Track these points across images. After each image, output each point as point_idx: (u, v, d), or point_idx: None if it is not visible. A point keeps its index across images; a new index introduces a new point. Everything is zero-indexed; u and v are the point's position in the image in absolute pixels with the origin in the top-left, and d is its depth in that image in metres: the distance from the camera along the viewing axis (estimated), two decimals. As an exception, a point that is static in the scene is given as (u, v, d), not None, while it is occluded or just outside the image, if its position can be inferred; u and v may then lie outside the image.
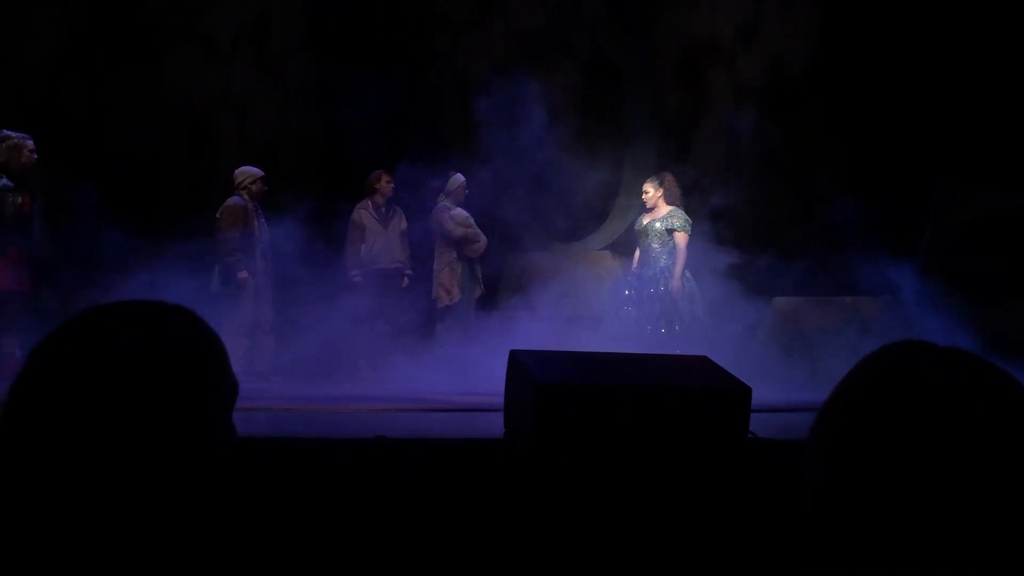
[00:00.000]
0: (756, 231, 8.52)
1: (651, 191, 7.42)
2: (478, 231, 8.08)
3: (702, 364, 4.01)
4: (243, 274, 7.33)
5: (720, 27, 9.63)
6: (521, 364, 3.66)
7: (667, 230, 7.29)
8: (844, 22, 9.04)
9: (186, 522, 0.97)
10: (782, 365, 7.76)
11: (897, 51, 8.66)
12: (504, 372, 3.83)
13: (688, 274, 7.30)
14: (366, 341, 7.67)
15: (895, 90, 8.65)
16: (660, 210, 7.39)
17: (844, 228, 7.57)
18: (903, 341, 0.98)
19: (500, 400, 3.91)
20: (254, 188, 7.52)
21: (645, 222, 7.43)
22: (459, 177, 8.06)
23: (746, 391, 3.69)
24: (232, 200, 7.45)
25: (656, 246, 7.30)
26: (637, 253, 7.52)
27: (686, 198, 7.65)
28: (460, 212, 8.05)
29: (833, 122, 8.94)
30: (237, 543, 1.02)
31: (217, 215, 7.43)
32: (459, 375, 6.91)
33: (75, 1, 8.64)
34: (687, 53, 9.72)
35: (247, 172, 7.57)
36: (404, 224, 8.15)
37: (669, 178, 7.47)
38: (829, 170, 8.75)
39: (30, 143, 6.66)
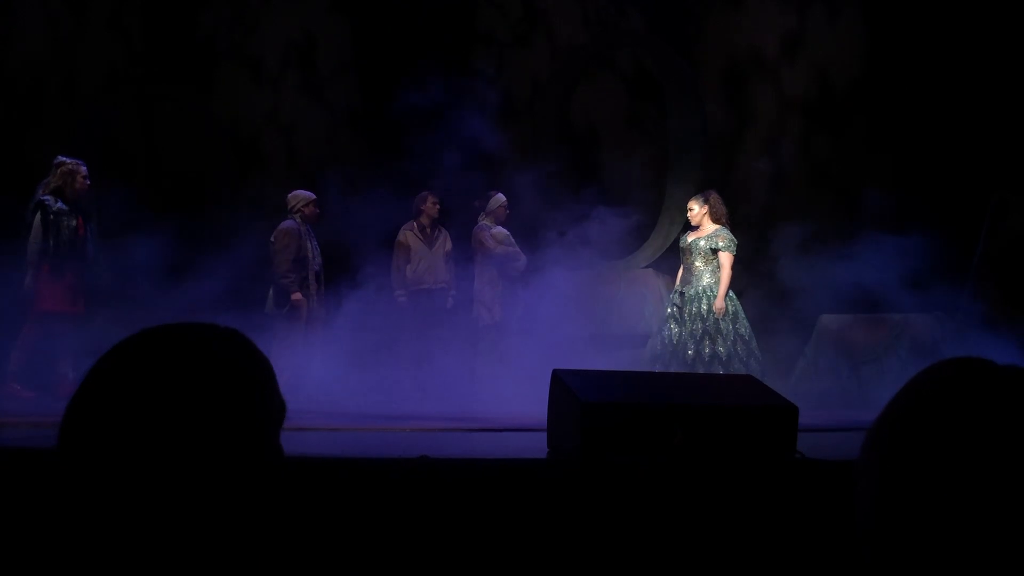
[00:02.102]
0: (802, 246, 8.42)
1: (696, 209, 7.38)
2: (519, 250, 8.10)
3: (747, 383, 3.97)
4: (297, 296, 7.43)
5: (764, 40, 9.56)
6: (564, 383, 3.65)
7: (711, 249, 7.24)
8: (890, 33, 8.93)
9: (233, 539, 0.98)
10: (829, 384, 7.64)
11: (945, 61, 8.53)
12: (547, 391, 3.82)
13: (731, 293, 7.23)
14: (410, 361, 7.70)
15: (943, 101, 8.51)
16: (705, 228, 7.34)
17: (892, 242, 7.45)
18: (958, 358, 0.95)
19: (543, 420, 3.90)
20: (307, 211, 7.63)
21: (690, 240, 7.38)
22: (500, 197, 8.10)
23: (792, 410, 3.64)
24: (286, 223, 7.56)
25: (699, 264, 7.25)
26: (680, 271, 7.48)
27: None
28: (501, 231, 8.08)
29: (880, 134, 8.82)
30: (282, 560, 1.03)
31: (271, 239, 7.55)
32: (501, 394, 6.89)
33: (127, 28, 8.86)
34: (731, 67, 9.67)
35: (300, 196, 7.68)
36: (449, 245, 8.19)
37: (714, 196, 7.42)
38: (877, 183, 8.63)
39: (84, 169, 6.82)
